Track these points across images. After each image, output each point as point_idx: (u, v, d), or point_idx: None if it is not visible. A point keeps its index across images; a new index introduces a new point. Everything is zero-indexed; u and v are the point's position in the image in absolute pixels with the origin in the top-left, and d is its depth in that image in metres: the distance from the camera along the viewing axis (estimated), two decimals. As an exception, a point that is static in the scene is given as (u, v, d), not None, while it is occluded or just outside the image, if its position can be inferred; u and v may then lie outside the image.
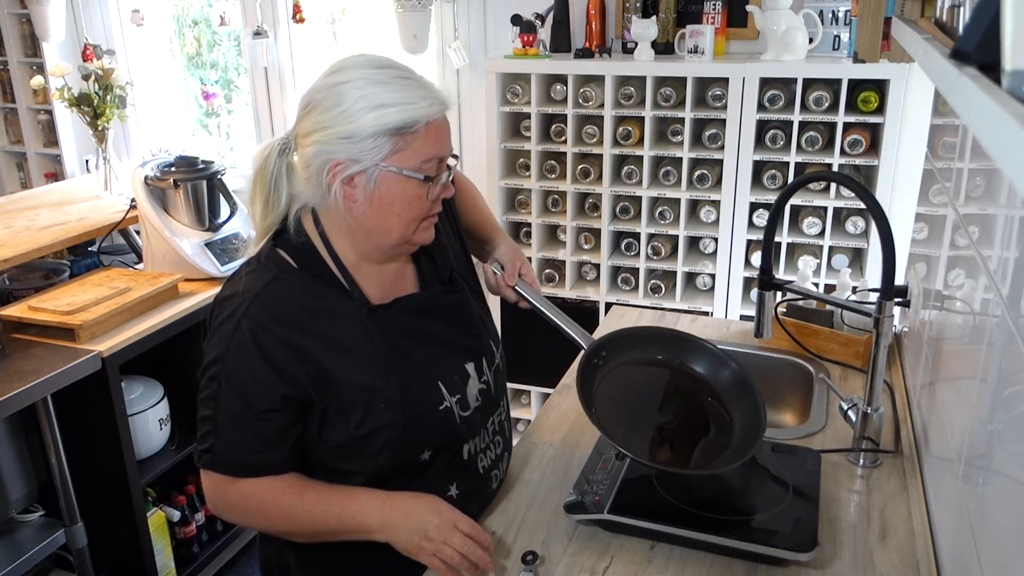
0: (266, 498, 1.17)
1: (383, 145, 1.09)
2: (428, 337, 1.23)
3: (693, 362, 1.40)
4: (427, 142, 1.11)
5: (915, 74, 2.24)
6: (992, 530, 0.88)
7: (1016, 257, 0.84)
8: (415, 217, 1.15)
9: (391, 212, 1.13)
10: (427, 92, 1.11)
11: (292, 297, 1.15)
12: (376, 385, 1.15)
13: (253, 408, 1.12)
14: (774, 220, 1.50)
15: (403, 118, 1.08)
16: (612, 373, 1.37)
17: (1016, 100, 0.45)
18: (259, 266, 1.18)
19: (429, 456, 1.21)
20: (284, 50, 3.39)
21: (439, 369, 1.22)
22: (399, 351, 1.19)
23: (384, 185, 1.11)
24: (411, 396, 1.17)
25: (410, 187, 1.12)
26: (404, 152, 1.10)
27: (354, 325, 1.16)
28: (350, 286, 1.18)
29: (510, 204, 2.81)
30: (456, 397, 1.23)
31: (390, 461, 1.18)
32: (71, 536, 2.15)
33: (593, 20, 2.73)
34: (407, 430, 1.17)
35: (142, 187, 2.45)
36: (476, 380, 1.27)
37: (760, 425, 1.28)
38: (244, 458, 1.15)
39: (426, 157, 1.11)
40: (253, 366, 1.11)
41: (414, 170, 1.11)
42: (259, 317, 1.12)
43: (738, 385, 1.36)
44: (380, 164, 1.10)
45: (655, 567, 1.18)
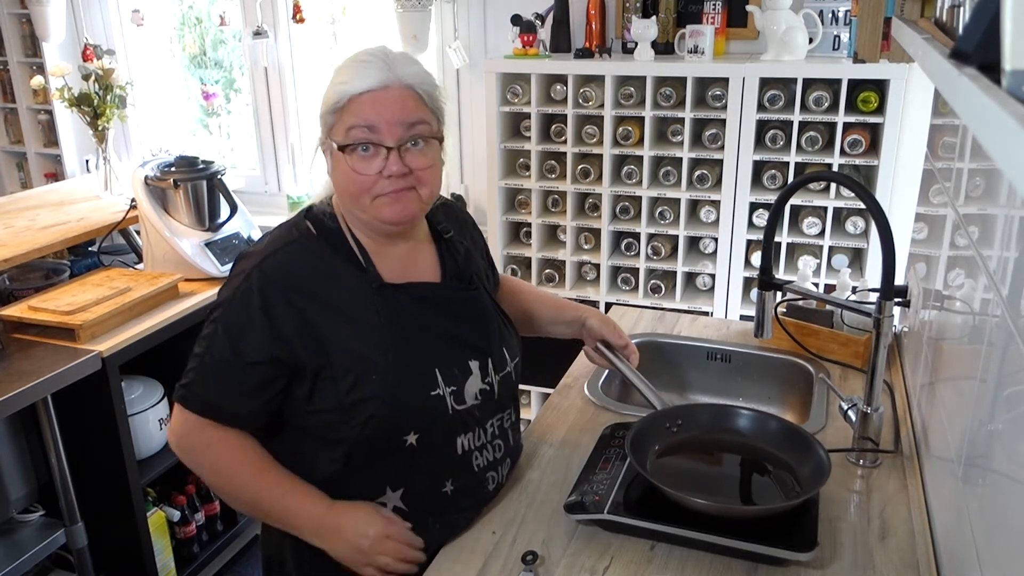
0: (225, 457, 1.22)
1: (328, 121, 1.19)
2: (434, 326, 1.25)
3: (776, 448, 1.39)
4: (351, 114, 1.16)
5: (915, 74, 2.24)
6: (992, 530, 0.88)
7: (1016, 257, 0.84)
8: (358, 191, 1.18)
9: (340, 186, 1.21)
10: (369, 70, 1.16)
11: (306, 260, 1.21)
12: (372, 357, 1.18)
13: (241, 357, 1.17)
14: (774, 220, 1.50)
15: (334, 96, 1.17)
16: (684, 443, 1.41)
17: (1016, 100, 0.45)
18: (283, 230, 1.25)
19: (415, 441, 1.21)
20: (284, 50, 3.39)
21: (439, 357, 1.23)
22: (402, 330, 1.21)
23: (334, 160, 1.20)
24: (404, 374, 1.19)
25: (341, 160, 1.18)
26: (337, 127, 1.18)
27: (362, 298, 1.20)
28: (366, 262, 1.22)
29: (510, 204, 2.81)
30: (451, 388, 1.23)
31: (375, 435, 1.19)
32: (71, 536, 2.15)
33: (593, 20, 2.73)
34: (394, 405, 1.18)
35: (142, 187, 2.46)
36: (478, 379, 1.27)
37: None
38: (216, 401, 1.20)
39: (348, 126, 1.16)
40: (252, 316, 1.16)
41: (339, 142, 1.17)
42: (269, 272, 1.18)
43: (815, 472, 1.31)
44: (328, 140, 1.19)
45: (655, 567, 1.18)
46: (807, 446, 1.33)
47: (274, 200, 3.57)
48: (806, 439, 1.34)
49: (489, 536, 1.26)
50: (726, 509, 1.25)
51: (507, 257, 2.85)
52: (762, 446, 1.39)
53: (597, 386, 1.69)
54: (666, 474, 1.33)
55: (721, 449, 1.42)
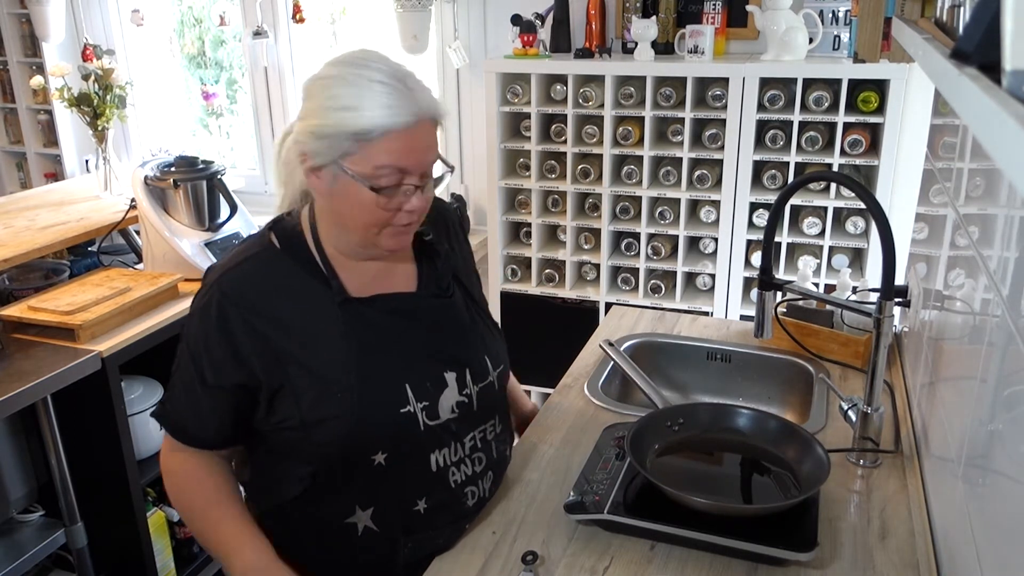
0: (190, 482, 1.24)
1: (340, 146, 1.09)
2: (406, 339, 1.21)
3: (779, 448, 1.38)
4: (383, 151, 1.09)
5: (915, 74, 2.24)
6: (992, 530, 0.88)
7: (1016, 257, 0.84)
8: (371, 223, 1.14)
9: (345, 213, 1.15)
10: (396, 100, 1.08)
11: (266, 276, 1.18)
12: (333, 375, 1.15)
13: (203, 380, 1.17)
14: (774, 220, 1.50)
15: (361, 125, 1.07)
16: (684, 442, 1.42)
17: (1016, 100, 0.45)
18: (247, 243, 1.24)
19: (384, 460, 1.18)
20: (284, 50, 3.39)
21: (409, 371, 1.19)
22: (366, 346, 1.18)
23: (340, 185, 1.12)
24: (369, 391, 1.16)
25: (364, 194, 1.10)
26: (357, 156, 1.09)
27: (325, 313, 1.17)
28: (329, 275, 1.19)
29: (510, 204, 2.81)
30: (423, 404, 1.19)
31: (339, 454, 1.17)
32: (71, 536, 2.15)
33: (593, 20, 2.73)
34: (358, 425, 1.15)
35: (142, 187, 2.45)
36: (455, 391, 1.23)
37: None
38: (183, 422, 1.21)
39: (379, 164, 1.09)
40: (212, 340, 1.15)
41: (365, 177, 1.09)
42: (227, 290, 1.16)
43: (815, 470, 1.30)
44: (337, 163, 1.10)
45: (655, 567, 1.18)
46: (807, 446, 1.33)
47: (274, 200, 3.56)
48: (806, 439, 1.34)
49: (489, 536, 1.26)
50: (726, 509, 1.25)
51: (507, 257, 2.85)
52: (762, 446, 1.39)
53: (597, 386, 1.69)
54: (666, 474, 1.33)
55: (721, 449, 1.42)
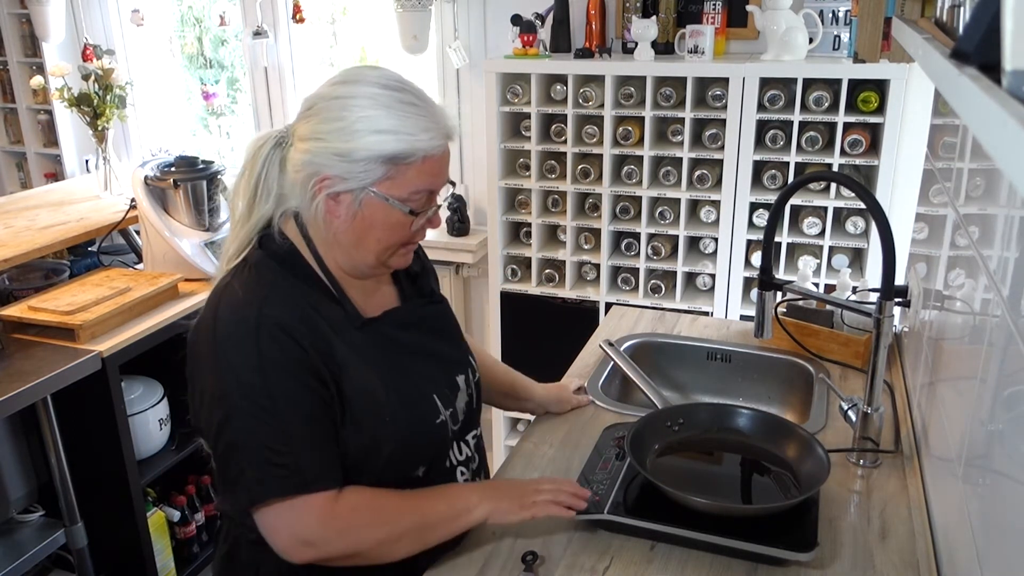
0: (377, 502, 1.12)
1: (375, 170, 1.07)
2: (420, 350, 1.22)
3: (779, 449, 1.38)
4: (420, 175, 1.09)
5: (915, 74, 2.24)
6: (992, 530, 0.88)
7: (1016, 257, 0.84)
8: (395, 243, 1.14)
9: (371, 236, 1.12)
10: (431, 123, 1.09)
11: (297, 299, 1.10)
12: (377, 398, 1.13)
13: (313, 408, 1.07)
14: (774, 220, 1.50)
15: (401, 148, 1.06)
16: (684, 443, 1.42)
17: (1016, 100, 0.45)
18: (253, 273, 1.12)
19: (423, 473, 1.20)
20: (284, 50, 3.39)
21: (433, 382, 1.21)
22: (395, 365, 1.17)
23: (368, 208, 1.09)
24: (411, 410, 1.16)
25: (394, 215, 1.10)
26: (395, 180, 1.08)
27: (350, 338, 1.13)
28: (341, 298, 1.15)
29: (510, 204, 2.81)
30: (449, 410, 1.22)
31: (388, 477, 1.15)
32: (71, 536, 2.15)
33: (593, 20, 2.73)
34: (407, 445, 1.15)
35: (142, 187, 2.46)
36: (464, 392, 1.27)
37: None
38: (333, 469, 1.08)
39: (415, 189, 1.10)
40: (294, 358, 1.05)
41: (401, 200, 1.09)
42: (278, 315, 1.06)
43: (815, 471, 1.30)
44: (368, 188, 1.08)
45: (655, 567, 1.18)
46: (807, 446, 1.33)
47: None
48: (806, 439, 1.34)
49: (489, 536, 1.26)
50: (726, 509, 1.25)
51: (507, 257, 2.85)
52: (762, 446, 1.39)
53: (597, 386, 1.69)
54: (666, 474, 1.33)
55: (721, 449, 1.42)
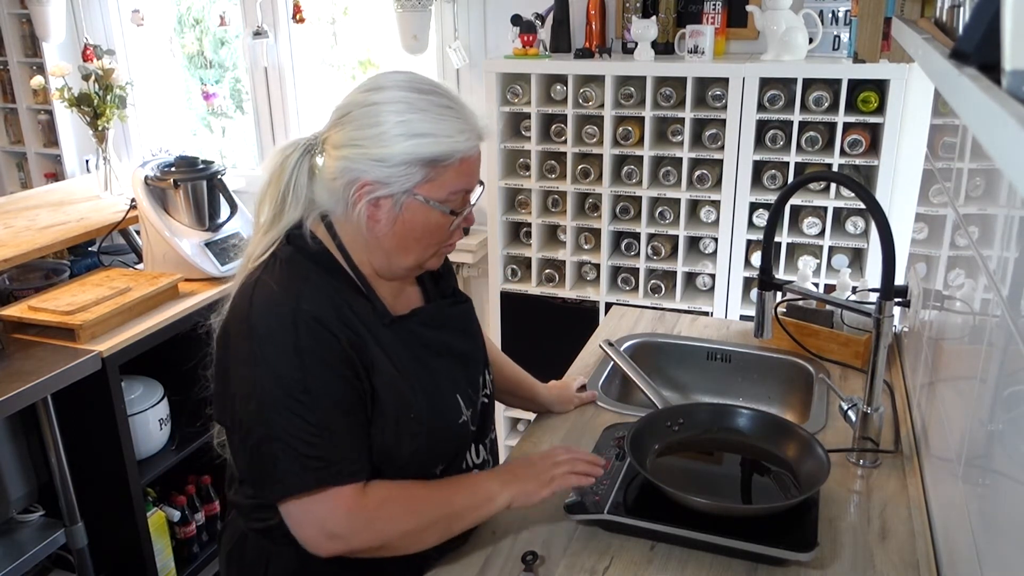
0: (403, 494, 1.13)
1: (415, 173, 1.08)
2: (445, 349, 1.23)
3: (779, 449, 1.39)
4: (458, 176, 1.11)
5: (915, 74, 2.24)
6: (992, 530, 0.88)
7: (1016, 257, 0.84)
8: (434, 244, 1.16)
9: (412, 238, 1.14)
10: (466, 124, 1.11)
11: (332, 296, 1.11)
12: (404, 395, 1.14)
13: (350, 402, 1.08)
14: (774, 220, 1.50)
15: (439, 150, 1.08)
16: (684, 443, 1.42)
17: (1016, 100, 0.45)
18: (286, 268, 1.12)
19: (440, 472, 1.21)
20: (284, 50, 3.39)
21: (456, 381, 1.23)
22: (422, 363, 1.18)
23: (409, 212, 1.11)
24: (436, 409, 1.17)
25: (434, 216, 1.12)
26: (434, 183, 1.10)
27: (379, 335, 1.14)
28: (371, 296, 1.16)
29: (510, 204, 2.81)
30: (471, 410, 1.23)
31: (409, 473, 1.16)
32: (71, 536, 2.15)
33: (593, 20, 2.73)
34: (431, 443, 1.16)
35: (142, 187, 2.46)
36: (482, 393, 1.29)
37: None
38: (362, 456, 1.10)
39: (454, 190, 1.12)
40: (334, 353, 1.06)
41: (441, 201, 1.11)
42: (314, 309, 1.07)
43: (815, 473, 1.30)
44: (409, 191, 1.09)
45: (655, 567, 1.18)
46: (807, 446, 1.33)
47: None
48: (806, 439, 1.34)
49: (489, 536, 1.26)
50: (726, 509, 1.25)
51: (507, 257, 2.85)
52: (762, 446, 1.39)
53: (597, 386, 1.69)
54: (666, 474, 1.33)
55: (721, 449, 1.42)
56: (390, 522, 1.11)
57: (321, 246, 1.15)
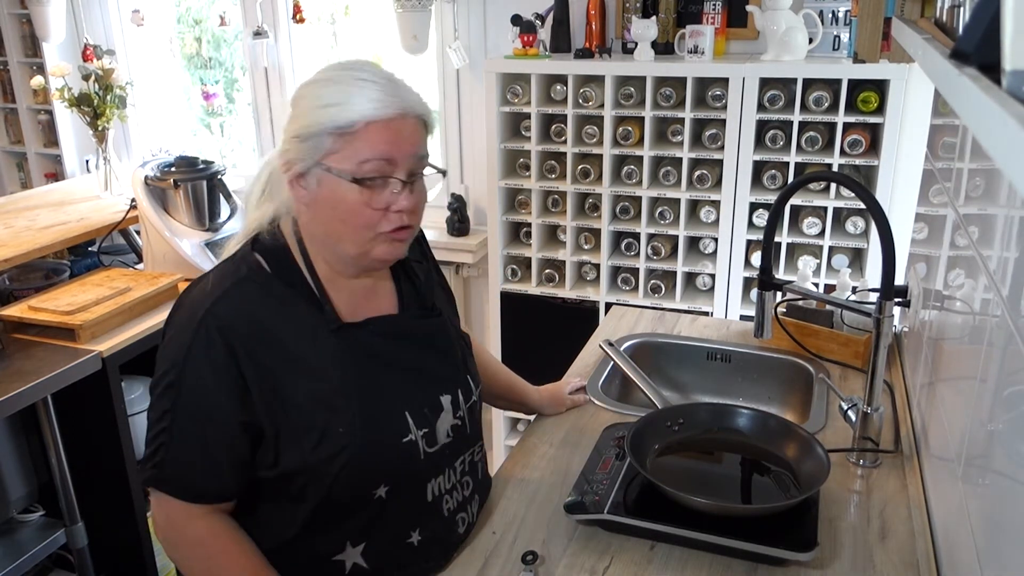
0: (218, 548, 1.10)
1: (321, 144, 1.06)
2: (400, 362, 1.16)
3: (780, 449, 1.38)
4: (367, 144, 1.05)
5: (915, 74, 2.24)
6: (992, 530, 0.88)
7: (1016, 257, 0.84)
8: (361, 225, 1.08)
9: (334, 218, 1.09)
10: (378, 94, 1.05)
11: (261, 300, 1.09)
12: (335, 406, 1.09)
13: (213, 419, 1.06)
14: (774, 220, 1.50)
15: (343, 117, 1.04)
16: (684, 443, 1.42)
17: (1016, 100, 0.45)
18: (230, 266, 1.13)
19: (385, 493, 1.12)
20: (284, 50, 3.39)
21: (408, 398, 1.15)
22: (365, 373, 1.12)
23: (324, 186, 1.07)
24: (372, 422, 1.10)
25: (345, 190, 1.06)
26: (341, 152, 1.06)
27: (321, 341, 1.10)
28: (322, 299, 1.12)
29: (510, 204, 2.81)
30: (423, 431, 1.15)
31: (343, 491, 1.10)
32: (71, 536, 2.15)
33: (593, 20, 2.73)
34: (363, 458, 1.09)
35: (142, 187, 2.46)
36: (450, 414, 1.19)
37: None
38: (192, 480, 1.08)
39: (362, 159, 1.05)
40: (217, 372, 1.05)
41: (349, 172, 1.06)
42: (224, 316, 1.06)
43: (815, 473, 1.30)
44: (319, 162, 1.06)
45: (655, 567, 1.18)
46: (807, 446, 1.33)
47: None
48: (806, 439, 1.34)
49: (489, 536, 1.26)
50: (726, 509, 1.25)
51: (507, 257, 2.85)
52: (762, 446, 1.39)
53: (597, 386, 1.69)
54: (666, 474, 1.33)
55: (721, 448, 1.42)
56: (189, 560, 1.13)
57: (282, 244, 1.14)
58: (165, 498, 1.10)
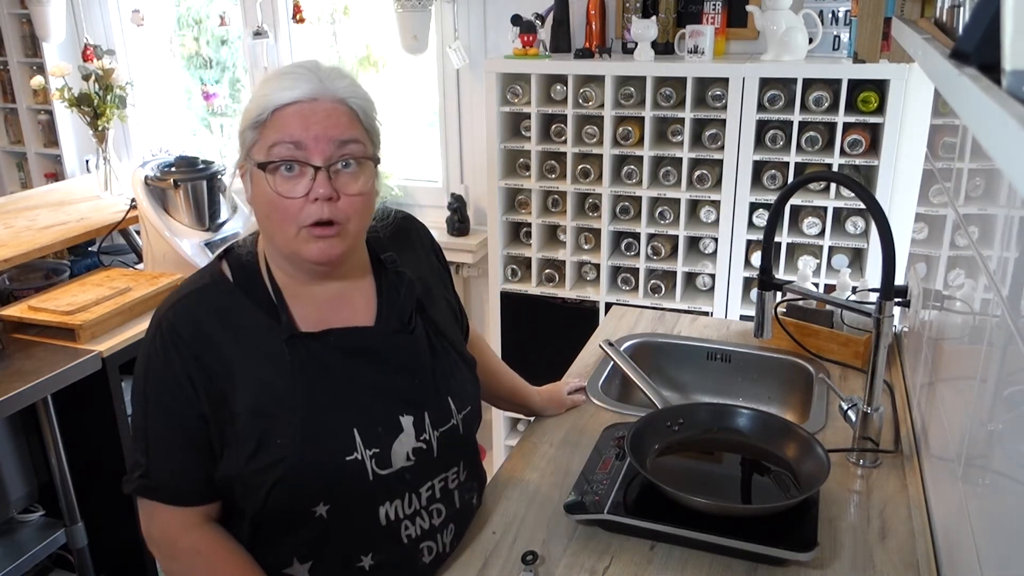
0: (219, 566, 1.09)
1: (246, 139, 1.07)
2: (355, 378, 1.11)
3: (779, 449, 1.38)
4: (274, 129, 1.04)
5: (915, 74, 2.24)
6: (992, 530, 0.88)
7: (1016, 257, 0.84)
8: (285, 217, 1.04)
9: (261, 213, 1.07)
10: (294, 82, 1.04)
11: (213, 309, 1.09)
12: (276, 416, 1.06)
13: (180, 423, 1.07)
14: (774, 220, 1.50)
15: (256, 109, 1.04)
16: (684, 443, 1.42)
17: (1016, 100, 0.45)
18: (197, 275, 1.14)
19: (326, 512, 1.08)
20: (284, 50, 3.39)
21: (359, 415, 1.09)
22: (314, 386, 1.08)
23: (255, 183, 1.07)
24: (313, 437, 1.06)
25: (262, 181, 1.05)
26: (259, 144, 1.05)
27: (272, 351, 1.08)
28: (280, 308, 1.10)
29: (510, 204, 2.81)
30: (373, 451, 1.09)
31: (280, 506, 1.07)
32: (71, 536, 2.15)
33: (593, 20, 2.73)
34: (300, 473, 1.05)
35: (142, 187, 2.46)
36: (412, 436, 1.12)
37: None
38: (176, 485, 1.08)
39: (271, 143, 1.03)
40: (173, 371, 1.06)
41: (263, 161, 1.04)
42: (175, 323, 1.07)
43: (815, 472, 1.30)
44: (247, 157, 1.07)
45: (655, 567, 1.18)
46: (807, 446, 1.33)
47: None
48: (806, 439, 1.34)
49: (489, 536, 1.26)
50: (726, 509, 1.25)
51: (507, 257, 2.85)
52: (762, 446, 1.39)
53: (597, 386, 1.69)
54: (666, 473, 1.33)
55: (721, 448, 1.42)
56: (189, 572, 1.11)
57: (249, 252, 1.14)
58: (157, 507, 1.10)
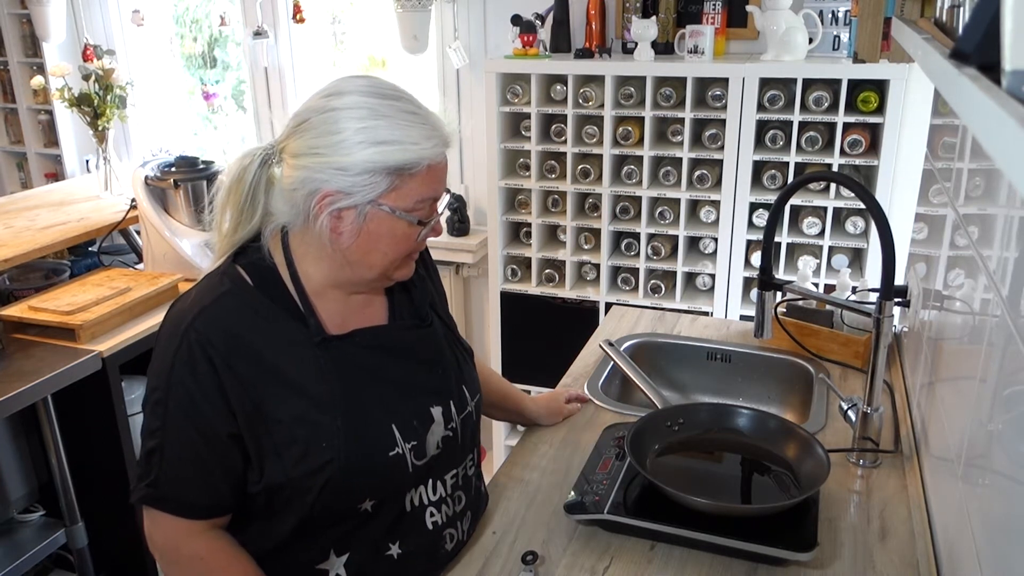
0: (220, 573, 1.09)
1: (379, 183, 1.04)
2: (387, 374, 1.14)
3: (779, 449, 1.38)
4: (424, 184, 1.07)
5: (915, 74, 2.24)
6: (992, 530, 0.88)
7: (1016, 257, 0.84)
8: (402, 255, 1.11)
9: (377, 249, 1.09)
10: (431, 131, 1.06)
11: (243, 314, 1.07)
12: (318, 421, 1.07)
13: (205, 434, 1.05)
14: (774, 220, 1.50)
15: (403, 158, 1.03)
16: (684, 442, 1.42)
17: (1016, 100, 0.45)
18: (212, 280, 1.11)
19: (371, 507, 1.11)
20: (284, 50, 3.39)
21: (395, 411, 1.12)
22: (351, 387, 1.10)
23: (374, 222, 1.06)
24: (357, 437, 1.08)
25: (400, 226, 1.07)
26: (399, 191, 1.05)
27: (305, 355, 1.08)
28: (307, 313, 1.10)
29: (510, 204, 2.81)
30: (411, 444, 1.12)
31: (328, 506, 1.09)
32: (71, 536, 2.15)
33: (593, 20, 2.73)
34: (349, 473, 1.07)
35: (142, 187, 2.46)
36: (442, 426, 1.16)
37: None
38: (188, 496, 1.07)
39: (421, 198, 1.07)
40: (202, 385, 1.03)
41: (407, 211, 1.07)
42: (205, 331, 1.04)
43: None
44: (373, 201, 1.05)
45: (655, 567, 1.18)
46: (807, 446, 1.33)
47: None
48: (806, 439, 1.34)
49: (489, 536, 1.26)
50: (726, 509, 1.25)
51: (507, 257, 2.85)
52: (762, 445, 1.39)
53: (597, 386, 1.69)
54: (666, 473, 1.33)
55: (721, 448, 1.42)
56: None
57: (267, 257, 1.12)
58: (162, 516, 1.09)
